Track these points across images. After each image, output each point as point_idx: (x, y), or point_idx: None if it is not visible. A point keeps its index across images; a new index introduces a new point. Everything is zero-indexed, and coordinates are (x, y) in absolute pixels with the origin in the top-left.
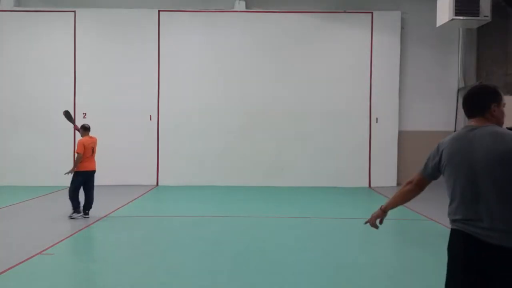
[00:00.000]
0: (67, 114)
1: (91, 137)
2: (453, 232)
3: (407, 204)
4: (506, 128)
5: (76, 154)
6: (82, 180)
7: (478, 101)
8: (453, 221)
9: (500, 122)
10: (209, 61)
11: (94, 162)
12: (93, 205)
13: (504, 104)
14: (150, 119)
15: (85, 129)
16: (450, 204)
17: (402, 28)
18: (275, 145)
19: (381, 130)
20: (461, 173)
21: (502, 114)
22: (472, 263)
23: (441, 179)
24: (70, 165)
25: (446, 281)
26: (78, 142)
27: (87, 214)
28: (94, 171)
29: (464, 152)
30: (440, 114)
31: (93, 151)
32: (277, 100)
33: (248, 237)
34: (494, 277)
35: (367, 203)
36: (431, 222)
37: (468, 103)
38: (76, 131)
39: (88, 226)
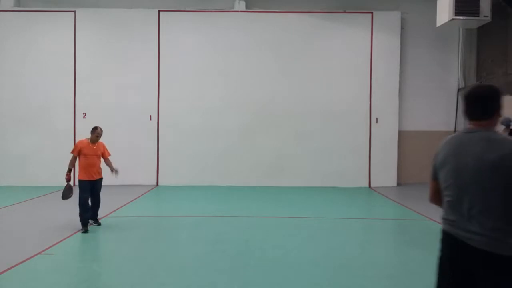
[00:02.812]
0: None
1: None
2: (442, 232)
3: (407, 204)
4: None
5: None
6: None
7: (489, 106)
8: (443, 221)
9: (497, 125)
10: (209, 61)
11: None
12: None
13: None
14: (150, 119)
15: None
16: (443, 205)
17: (402, 28)
18: (275, 145)
19: (381, 130)
20: (451, 176)
21: (498, 120)
22: (457, 264)
23: None
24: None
25: (436, 279)
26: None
27: (96, 221)
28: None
29: (457, 156)
30: (440, 114)
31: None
32: (277, 100)
33: (248, 237)
34: (478, 279)
35: (367, 203)
36: (431, 222)
37: (477, 106)
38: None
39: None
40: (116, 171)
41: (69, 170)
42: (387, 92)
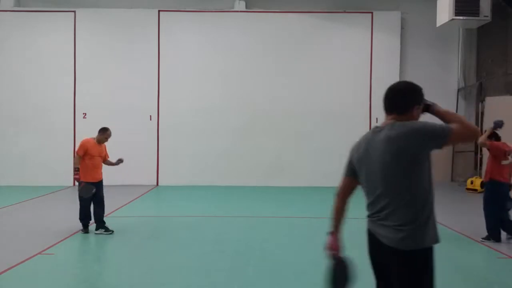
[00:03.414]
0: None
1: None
2: (367, 232)
3: None
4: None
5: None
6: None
7: (401, 100)
8: (366, 218)
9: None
10: (209, 61)
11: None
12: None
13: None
14: (150, 119)
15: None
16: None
17: (402, 28)
18: (275, 145)
19: None
20: (366, 171)
21: (419, 116)
22: (375, 259)
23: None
24: (69, 165)
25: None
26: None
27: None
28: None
29: (369, 152)
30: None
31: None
32: (277, 100)
33: (248, 237)
34: (392, 273)
35: None
36: None
37: (390, 100)
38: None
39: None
40: (121, 160)
41: (78, 169)
42: None
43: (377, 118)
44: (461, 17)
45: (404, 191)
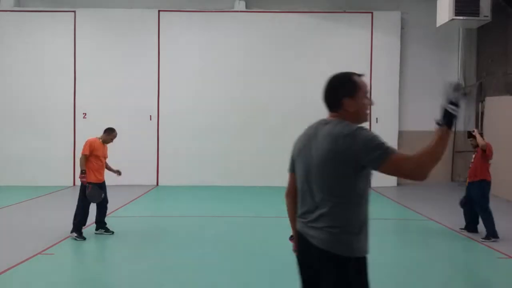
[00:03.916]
0: None
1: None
2: (298, 232)
3: (407, 204)
4: (468, 133)
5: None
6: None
7: (330, 96)
8: (297, 218)
9: (358, 117)
10: (209, 61)
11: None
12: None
13: (366, 92)
14: (150, 119)
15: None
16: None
17: (402, 28)
18: (275, 145)
19: (381, 130)
20: (300, 168)
21: (361, 107)
22: (303, 262)
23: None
24: (69, 165)
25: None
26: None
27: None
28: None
29: (307, 148)
30: (440, 114)
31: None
32: (277, 100)
33: (248, 237)
34: (321, 277)
35: None
36: (431, 222)
37: (324, 97)
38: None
39: (88, 226)
40: (120, 173)
41: (85, 172)
42: (387, 92)
43: (377, 118)
44: (461, 17)
45: (337, 193)
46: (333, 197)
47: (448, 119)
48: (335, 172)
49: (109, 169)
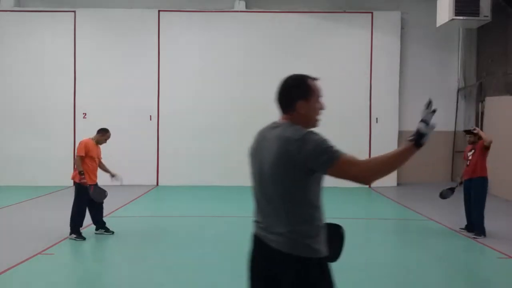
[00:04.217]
0: None
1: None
2: (252, 236)
3: (407, 204)
4: (466, 130)
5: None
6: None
7: (283, 98)
8: (253, 223)
9: (309, 121)
10: (209, 61)
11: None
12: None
13: (319, 96)
14: (150, 119)
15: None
16: (254, 204)
17: (402, 28)
18: None
19: (381, 130)
20: (254, 173)
21: (313, 111)
22: (260, 266)
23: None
24: (69, 165)
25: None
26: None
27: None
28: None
29: (259, 151)
30: (440, 114)
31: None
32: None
33: (248, 237)
34: (281, 281)
35: (367, 203)
36: (431, 222)
37: (277, 99)
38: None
39: (88, 226)
40: (118, 178)
41: (83, 173)
42: (387, 92)
43: (377, 118)
44: (461, 17)
45: (292, 197)
46: (288, 201)
47: (418, 136)
48: (287, 176)
49: (106, 170)
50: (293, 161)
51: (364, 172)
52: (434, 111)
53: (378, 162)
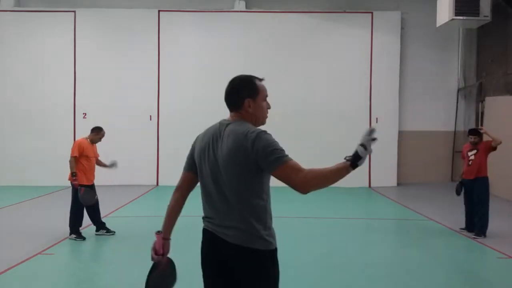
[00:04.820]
0: None
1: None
2: (203, 232)
3: (407, 204)
4: (472, 130)
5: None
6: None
7: (232, 96)
8: (203, 219)
9: (257, 118)
10: (209, 61)
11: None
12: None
13: (266, 96)
14: (150, 119)
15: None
16: (202, 201)
17: (402, 28)
18: None
19: (381, 130)
20: (206, 169)
21: (260, 109)
22: (214, 261)
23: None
24: (69, 166)
25: (204, 280)
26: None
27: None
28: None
29: (212, 148)
30: (440, 114)
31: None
32: (276, 100)
33: None
34: (235, 273)
35: (367, 203)
36: (431, 222)
37: (226, 97)
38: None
39: (88, 226)
40: (115, 164)
41: (76, 174)
42: (387, 92)
43: (377, 118)
44: (461, 17)
45: (245, 192)
46: (242, 196)
47: (354, 158)
48: (242, 171)
49: (103, 165)
50: (246, 156)
51: (304, 182)
52: (374, 139)
53: (317, 174)
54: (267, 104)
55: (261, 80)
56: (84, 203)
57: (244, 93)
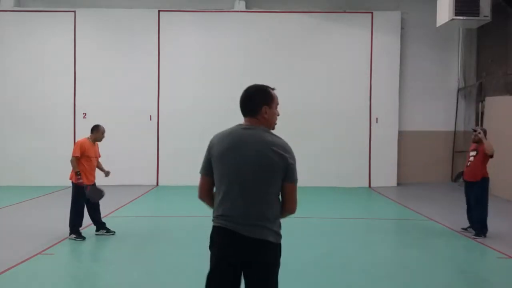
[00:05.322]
0: None
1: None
2: (215, 229)
3: (407, 204)
4: (474, 128)
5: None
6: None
7: (250, 103)
8: (215, 218)
9: (270, 124)
10: (209, 61)
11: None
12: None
13: (277, 104)
14: (150, 119)
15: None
16: (215, 200)
17: (402, 28)
18: None
19: (381, 130)
20: (229, 170)
21: (274, 116)
22: (234, 253)
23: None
24: (69, 165)
25: (209, 276)
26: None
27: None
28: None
29: (236, 151)
30: (440, 114)
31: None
32: None
33: None
34: (253, 267)
35: (367, 203)
36: (431, 222)
37: (244, 104)
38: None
39: (88, 226)
40: (108, 173)
41: (79, 173)
42: (387, 92)
43: (377, 118)
44: (461, 17)
45: (270, 195)
46: (266, 198)
47: None
48: (271, 176)
49: (101, 169)
50: (277, 165)
51: (296, 204)
52: None
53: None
54: (278, 112)
55: (273, 89)
56: (93, 200)
57: (262, 100)
